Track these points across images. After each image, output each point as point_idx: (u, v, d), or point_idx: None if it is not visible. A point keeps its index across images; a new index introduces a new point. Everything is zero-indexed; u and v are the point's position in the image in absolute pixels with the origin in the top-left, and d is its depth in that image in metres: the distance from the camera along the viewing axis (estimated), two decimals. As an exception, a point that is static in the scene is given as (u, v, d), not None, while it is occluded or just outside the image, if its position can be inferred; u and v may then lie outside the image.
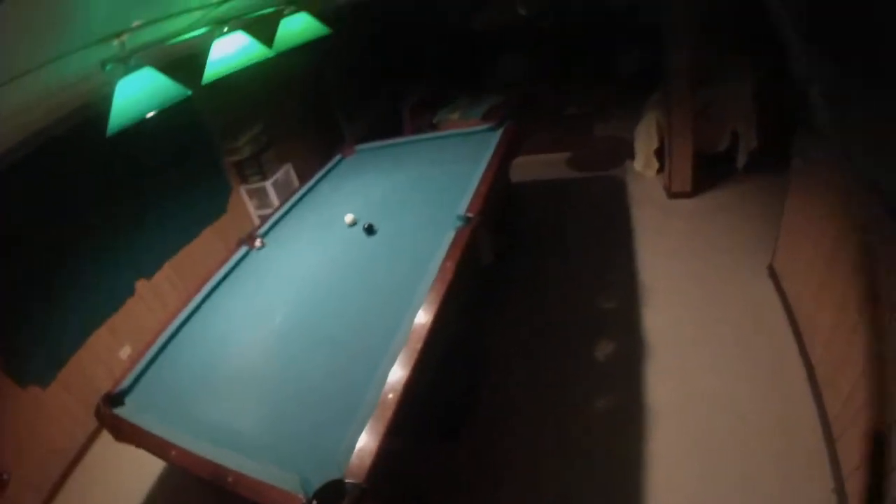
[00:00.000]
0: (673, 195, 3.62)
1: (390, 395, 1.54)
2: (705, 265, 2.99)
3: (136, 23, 1.65)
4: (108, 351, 3.40)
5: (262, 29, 2.54)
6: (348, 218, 2.73)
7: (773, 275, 2.73)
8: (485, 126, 3.37)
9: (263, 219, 4.37)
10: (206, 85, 2.12)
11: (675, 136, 3.36)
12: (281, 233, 2.89)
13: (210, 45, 2.06)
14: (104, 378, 3.29)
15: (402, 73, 5.57)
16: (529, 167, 4.47)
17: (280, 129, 4.69)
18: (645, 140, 3.80)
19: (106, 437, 3.04)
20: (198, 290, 2.57)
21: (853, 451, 1.69)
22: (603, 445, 2.16)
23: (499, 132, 3.21)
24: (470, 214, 2.20)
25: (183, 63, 2.85)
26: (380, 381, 1.62)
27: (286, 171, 4.51)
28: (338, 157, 3.71)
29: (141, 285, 3.63)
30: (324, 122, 5.12)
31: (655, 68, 3.88)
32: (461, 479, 2.18)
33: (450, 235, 2.10)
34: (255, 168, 4.27)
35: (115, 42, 1.68)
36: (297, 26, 2.45)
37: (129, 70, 1.68)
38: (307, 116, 5.09)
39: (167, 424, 1.80)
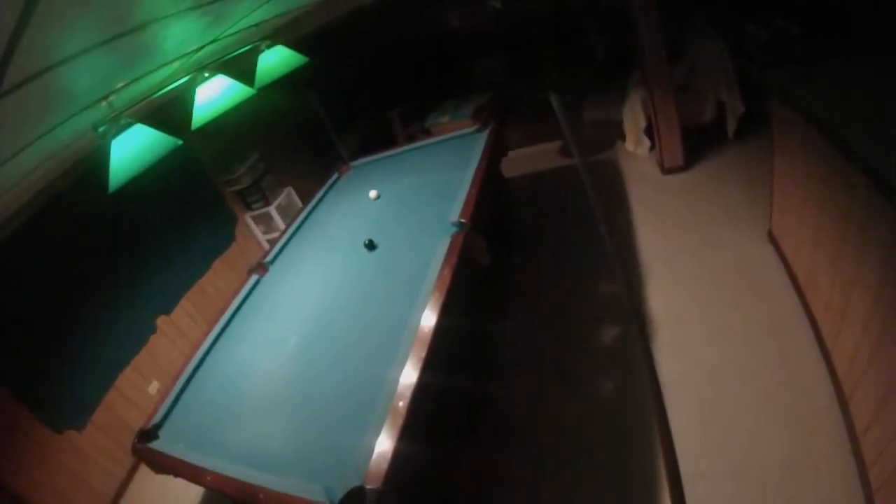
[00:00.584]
0: (667, 171, 3.63)
1: (401, 403, 1.63)
2: (705, 237, 3.01)
3: (120, 84, 1.76)
4: (137, 389, 3.55)
5: (242, 67, 2.65)
6: (372, 193, 3.11)
7: (773, 240, 2.73)
8: (471, 129, 3.43)
9: (272, 242, 4.54)
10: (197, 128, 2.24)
11: (660, 113, 3.38)
12: (287, 258, 3.00)
13: (193, 91, 2.16)
14: (136, 415, 3.43)
15: (389, 84, 5.65)
16: (522, 160, 4.52)
17: (276, 155, 4.82)
18: (632, 120, 3.82)
19: (143, 473, 3.21)
20: (215, 322, 2.69)
21: (865, 411, 1.69)
22: (613, 427, 2.20)
23: (485, 133, 3.27)
24: (462, 220, 2.27)
25: (171, 113, 2.98)
26: (390, 389, 1.70)
27: (288, 194, 4.64)
28: (335, 175, 3.81)
29: (162, 322, 3.79)
30: (318, 142, 5.24)
31: (628, 48, 3.92)
32: (476, 478, 2.25)
33: (445, 242, 2.18)
34: (257, 195, 4.41)
35: (104, 104, 1.80)
36: (275, 60, 2.54)
37: (120, 129, 1.79)
38: (301, 139, 5.22)
39: (199, 452, 1.92)
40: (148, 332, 3.69)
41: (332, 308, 2.35)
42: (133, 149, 1.83)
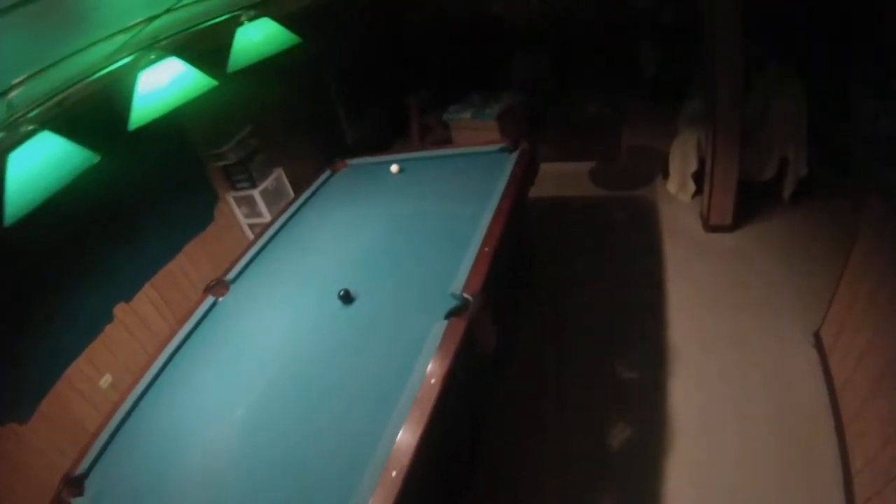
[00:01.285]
0: (710, 228, 3.13)
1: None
2: (744, 322, 2.56)
3: (18, 79, 1.25)
4: (89, 381, 3.18)
5: (213, 45, 2.11)
6: (394, 168, 2.95)
7: (819, 345, 2.30)
8: (496, 146, 2.90)
9: (253, 228, 4.07)
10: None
11: (719, 163, 2.85)
12: (253, 279, 2.52)
13: (135, 79, 1.65)
14: (86, 409, 3.11)
15: (413, 66, 5.01)
16: (548, 178, 3.94)
17: (272, 132, 4.26)
18: (681, 160, 3.28)
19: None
20: (160, 350, 2.28)
21: None
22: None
23: (512, 157, 2.75)
24: (467, 296, 1.77)
25: (98, 109, 2.42)
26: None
27: (277, 178, 4.13)
28: (327, 172, 3.29)
29: (120, 310, 3.37)
30: (322, 121, 4.66)
31: (682, 72, 3.35)
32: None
33: (441, 324, 1.69)
34: (242, 175, 3.90)
35: (2, 103, 1.30)
36: (259, 37, 2.01)
37: (20, 139, 1.30)
38: (303, 115, 4.62)
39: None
40: (104, 320, 3.28)
41: (291, 373, 1.89)
42: (39, 166, 1.35)
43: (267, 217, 3.87)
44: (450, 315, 1.73)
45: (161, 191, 3.57)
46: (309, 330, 2.05)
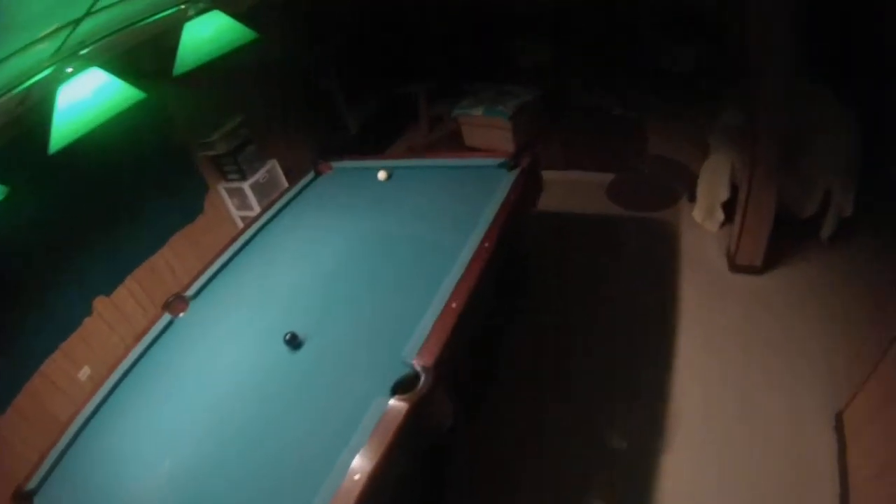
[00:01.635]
0: (736, 268, 2.74)
1: None
2: (758, 385, 2.23)
3: None
4: (66, 375, 3.12)
5: (157, 42, 1.86)
6: (381, 175, 2.71)
7: (839, 429, 1.96)
8: (496, 161, 2.58)
9: (244, 220, 3.89)
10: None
11: (755, 198, 2.45)
12: (214, 297, 2.33)
13: (55, 95, 1.42)
14: (63, 403, 3.05)
15: (419, 53, 4.63)
16: (558, 188, 3.58)
17: (266, 121, 4.02)
18: (711, 186, 2.87)
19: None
20: (113, 369, 2.16)
21: None
22: None
23: (510, 176, 2.43)
24: (419, 367, 1.49)
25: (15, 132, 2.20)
26: None
27: (270, 170, 3.90)
28: (311, 175, 3.06)
29: (100, 303, 3.27)
30: (321, 111, 4.37)
31: (713, 72, 2.99)
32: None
33: (380, 406, 1.42)
34: (232, 167, 3.69)
35: None
36: (209, 33, 1.76)
37: None
38: (301, 105, 4.34)
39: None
40: (82, 314, 3.18)
41: (234, 419, 1.72)
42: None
43: (258, 211, 3.69)
44: (396, 389, 1.48)
45: (145, 180, 3.40)
46: (253, 372, 1.86)
